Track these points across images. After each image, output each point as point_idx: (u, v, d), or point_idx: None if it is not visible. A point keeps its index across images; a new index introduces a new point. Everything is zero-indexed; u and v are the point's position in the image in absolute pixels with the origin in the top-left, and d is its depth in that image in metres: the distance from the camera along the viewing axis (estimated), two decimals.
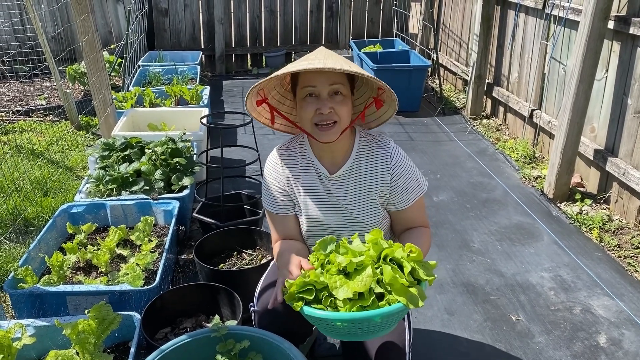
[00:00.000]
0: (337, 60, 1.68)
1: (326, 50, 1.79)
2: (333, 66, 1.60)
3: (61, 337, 1.99)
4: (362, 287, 1.43)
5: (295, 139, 1.92)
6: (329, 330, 1.51)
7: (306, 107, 1.72)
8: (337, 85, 1.70)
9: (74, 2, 3.46)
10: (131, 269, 2.40)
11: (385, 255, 1.51)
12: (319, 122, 1.72)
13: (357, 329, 1.47)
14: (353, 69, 1.65)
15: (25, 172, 3.77)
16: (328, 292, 1.47)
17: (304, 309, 1.47)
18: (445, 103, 5.66)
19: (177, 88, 4.80)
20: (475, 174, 4.18)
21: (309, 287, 1.49)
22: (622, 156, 3.45)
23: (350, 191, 1.84)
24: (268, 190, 1.92)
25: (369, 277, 1.44)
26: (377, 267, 1.48)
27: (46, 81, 6.20)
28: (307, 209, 1.88)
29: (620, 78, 3.45)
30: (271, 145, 4.54)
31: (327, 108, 1.69)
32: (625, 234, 3.30)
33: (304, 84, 1.72)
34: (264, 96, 1.83)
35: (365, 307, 1.43)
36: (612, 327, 2.55)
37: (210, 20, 6.94)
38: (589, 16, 3.30)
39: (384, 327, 1.49)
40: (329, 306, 1.46)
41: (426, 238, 1.86)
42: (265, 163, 1.95)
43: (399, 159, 1.83)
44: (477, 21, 5.10)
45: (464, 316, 2.63)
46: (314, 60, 1.67)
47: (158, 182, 3.15)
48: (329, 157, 1.85)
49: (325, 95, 1.70)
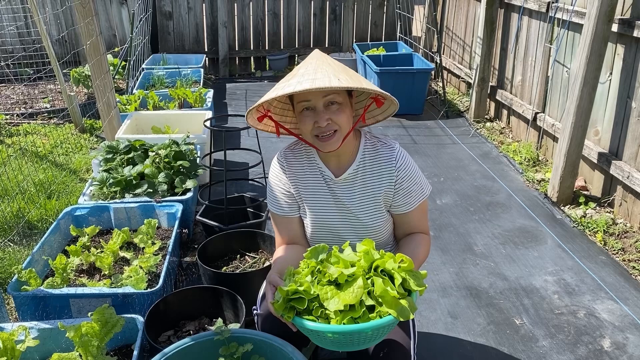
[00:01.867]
0: (327, 72, 1.64)
1: (318, 57, 1.74)
2: (320, 84, 1.57)
3: (64, 339, 1.99)
4: (353, 299, 1.43)
5: (300, 141, 1.92)
6: (320, 340, 1.52)
7: (304, 121, 1.72)
8: (331, 95, 1.69)
9: (78, 6, 3.47)
10: (134, 272, 2.40)
11: (377, 266, 1.50)
12: (318, 133, 1.72)
13: (348, 341, 1.47)
14: (342, 81, 1.60)
15: (29, 175, 3.78)
16: (319, 302, 1.47)
17: (295, 319, 1.48)
18: (449, 106, 5.65)
19: (180, 91, 4.81)
20: (479, 177, 4.17)
21: (300, 295, 1.49)
22: (627, 159, 3.43)
23: (355, 194, 1.84)
24: (273, 192, 1.92)
25: (360, 289, 1.44)
26: (368, 277, 1.48)
27: (50, 84, 6.23)
28: (312, 212, 1.87)
29: (624, 81, 3.44)
30: (274, 148, 4.54)
31: (324, 120, 1.69)
32: (630, 237, 3.29)
33: (298, 99, 1.72)
34: (265, 110, 1.81)
35: (356, 318, 1.43)
36: (616, 331, 2.54)
37: (214, 24, 6.96)
38: (593, 19, 3.29)
39: (374, 338, 1.51)
40: (320, 317, 1.46)
41: (424, 247, 1.85)
42: (271, 165, 1.95)
43: (404, 161, 1.83)
44: (480, 24, 5.09)
45: (468, 320, 2.63)
46: (302, 76, 1.64)
47: (161, 184, 3.16)
48: (334, 160, 1.85)
49: (321, 107, 1.69)
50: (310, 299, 1.48)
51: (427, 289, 1.54)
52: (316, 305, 1.47)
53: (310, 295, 1.47)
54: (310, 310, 1.48)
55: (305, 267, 1.57)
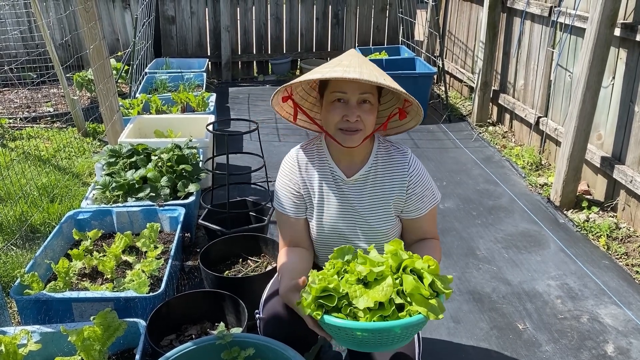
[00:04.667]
0: (372, 70, 1.67)
1: (359, 56, 1.78)
2: (369, 78, 1.60)
3: (67, 343, 1.99)
4: (383, 296, 1.41)
5: (312, 141, 1.92)
6: (347, 340, 1.49)
7: (333, 112, 1.73)
8: (367, 94, 1.70)
9: (82, 10, 3.49)
10: (137, 276, 2.40)
11: (405, 266, 1.49)
12: (344, 127, 1.72)
13: (377, 340, 1.45)
14: (387, 82, 1.64)
15: (32, 179, 3.79)
16: (347, 300, 1.45)
17: (325, 317, 1.45)
18: (451, 110, 5.65)
19: (183, 95, 4.82)
20: (482, 181, 4.17)
21: (329, 293, 1.47)
22: (630, 163, 3.43)
23: (365, 196, 1.85)
24: (282, 192, 1.92)
25: (389, 287, 1.43)
26: (396, 277, 1.47)
27: (53, 88, 6.24)
28: (320, 212, 1.87)
29: (627, 85, 3.43)
30: (277, 152, 4.55)
31: (355, 116, 1.70)
32: (633, 241, 3.28)
33: (334, 88, 1.72)
34: (290, 93, 1.84)
35: (385, 317, 1.41)
36: (619, 336, 2.53)
37: (217, 28, 6.97)
38: (595, 23, 3.29)
39: (402, 339, 1.47)
40: (348, 315, 1.44)
41: (438, 252, 1.87)
42: (282, 164, 1.95)
43: (416, 167, 1.84)
44: (482, 28, 5.10)
45: (470, 324, 2.62)
46: (348, 67, 1.66)
47: (164, 188, 3.16)
48: (347, 160, 1.85)
49: (354, 102, 1.71)
50: (339, 297, 1.46)
51: None
52: (345, 304, 1.45)
53: (340, 294, 1.46)
54: (339, 308, 1.45)
55: (331, 267, 1.56)
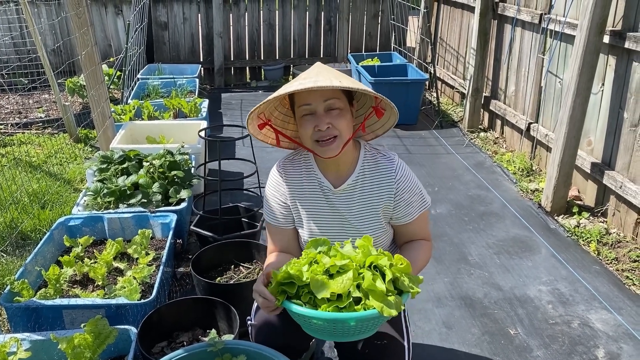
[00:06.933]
0: (328, 76, 1.69)
1: (320, 66, 1.80)
2: (322, 84, 1.62)
3: (57, 351, 1.98)
4: (342, 289, 1.48)
5: (300, 151, 1.93)
6: (307, 326, 1.57)
7: (304, 125, 1.75)
8: (332, 100, 1.72)
9: (74, 16, 3.48)
10: (128, 283, 2.39)
11: (371, 262, 1.55)
12: (318, 138, 1.73)
13: (332, 329, 1.52)
14: (343, 83, 1.65)
15: (23, 185, 3.77)
16: (309, 289, 1.52)
17: (285, 302, 1.53)
18: (443, 116, 5.68)
19: (175, 101, 4.81)
20: (473, 186, 4.19)
21: (291, 280, 1.54)
22: (619, 169, 3.46)
23: (354, 205, 1.85)
24: (269, 203, 1.93)
25: (348, 280, 1.49)
26: (360, 272, 1.53)
27: (45, 94, 6.22)
28: (309, 223, 1.88)
29: (616, 92, 3.47)
30: (270, 158, 4.55)
31: (324, 124, 1.71)
32: (623, 247, 3.30)
33: (299, 103, 1.75)
34: (266, 119, 1.85)
35: (341, 308, 1.48)
36: (610, 341, 2.54)
37: (210, 34, 6.98)
38: (585, 31, 3.33)
39: (360, 332, 1.54)
40: (308, 303, 1.51)
41: (425, 251, 1.88)
42: (269, 175, 1.95)
43: (403, 173, 1.85)
44: (474, 35, 5.13)
45: (462, 330, 2.63)
46: (305, 79, 1.69)
47: (156, 195, 3.15)
48: (333, 170, 1.86)
49: (322, 111, 1.72)
50: (301, 286, 1.53)
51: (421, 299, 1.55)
52: (306, 292, 1.52)
53: (302, 282, 1.53)
54: (300, 296, 1.53)
55: (305, 257, 1.62)
